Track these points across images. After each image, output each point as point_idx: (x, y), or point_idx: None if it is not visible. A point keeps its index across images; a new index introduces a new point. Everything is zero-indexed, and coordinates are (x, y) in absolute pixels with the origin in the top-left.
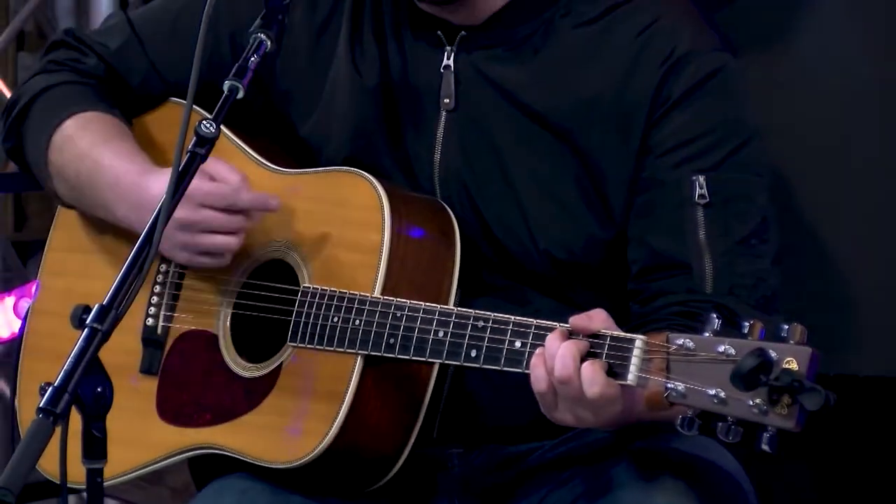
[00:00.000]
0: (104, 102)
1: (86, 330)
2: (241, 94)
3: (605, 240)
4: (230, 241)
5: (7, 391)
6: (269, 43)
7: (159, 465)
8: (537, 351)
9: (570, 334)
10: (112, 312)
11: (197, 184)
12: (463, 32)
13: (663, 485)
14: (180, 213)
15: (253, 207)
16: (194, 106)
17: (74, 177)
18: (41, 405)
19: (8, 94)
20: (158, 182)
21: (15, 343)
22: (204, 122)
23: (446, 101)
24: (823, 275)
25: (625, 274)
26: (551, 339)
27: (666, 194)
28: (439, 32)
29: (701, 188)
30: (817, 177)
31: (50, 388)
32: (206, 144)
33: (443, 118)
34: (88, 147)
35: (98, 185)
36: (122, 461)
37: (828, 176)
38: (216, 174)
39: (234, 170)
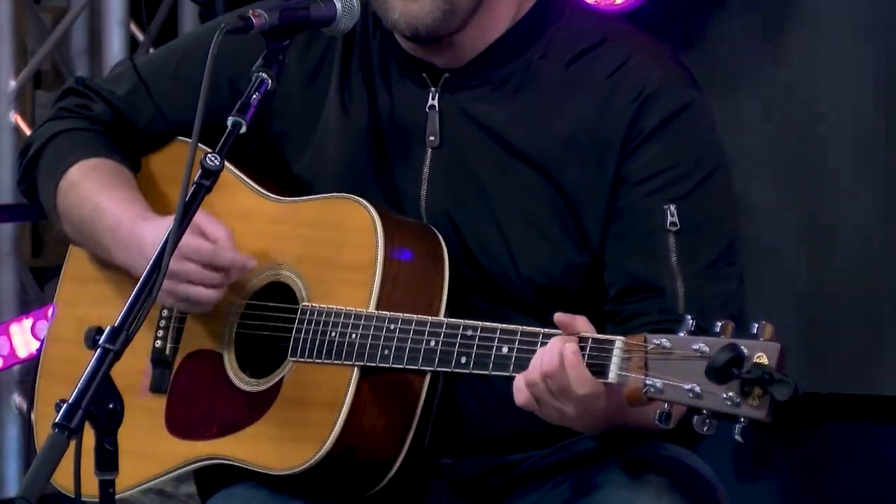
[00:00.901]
0: (109, 149)
1: (98, 350)
2: (243, 129)
3: (583, 265)
4: (209, 295)
5: (24, 407)
6: (270, 81)
7: (169, 476)
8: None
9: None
10: (123, 334)
11: (186, 238)
12: (447, 74)
13: (648, 485)
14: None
15: (232, 267)
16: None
17: (78, 221)
18: (56, 421)
19: (27, 130)
20: (152, 230)
21: (33, 362)
22: (209, 155)
23: (431, 138)
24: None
25: (601, 296)
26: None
27: (639, 222)
28: (424, 74)
29: (672, 216)
30: (781, 201)
31: (65, 405)
32: (210, 176)
33: (428, 155)
34: (90, 193)
35: (98, 230)
36: (133, 473)
37: (789, 200)
38: (206, 229)
39: (222, 227)
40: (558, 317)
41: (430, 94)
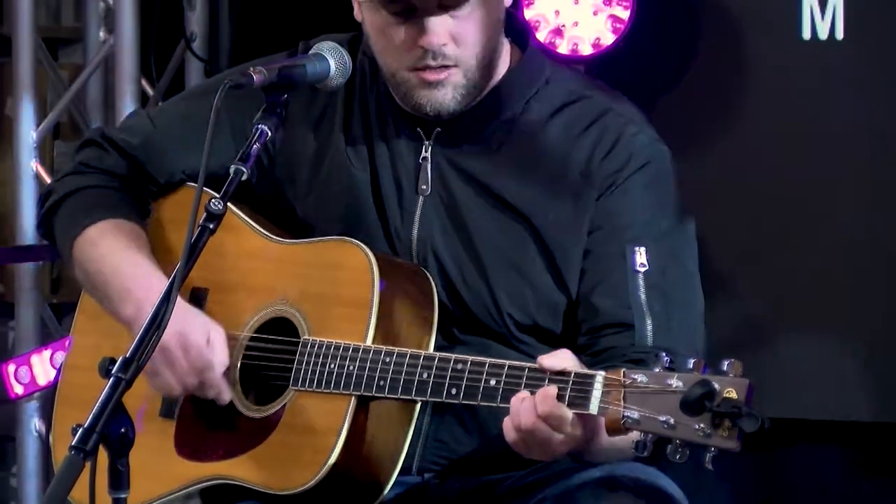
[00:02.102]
0: (124, 207)
1: (111, 379)
2: (245, 177)
3: (559, 303)
4: (173, 387)
5: (43, 431)
6: (269, 132)
7: (177, 494)
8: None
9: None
10: (134, 364)
11: (196, 337)
12: (438, 129)
13: (620, 500)
14: (167, 336)
15: (211, 386)
16: (205, 188)
17: (93, 273)
18: (73, 443)
19: (46, 178)
20: (156, 294)
21: (51, 390)
22: (213, 200)
23: (423, 187)
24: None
25: (576, 331)
26: (514, 399)
27: (612, 264)
28: (419, 129)
29: (641, 258)
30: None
31: (80, 429)
32: (214, 220)
33: (420, 201)
34: (106, 254)
35: (111, 287)
36: (144, 492)
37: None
38: (213, 341)
39: (225, 352)
40: (541, 361)
41: (424, 147)
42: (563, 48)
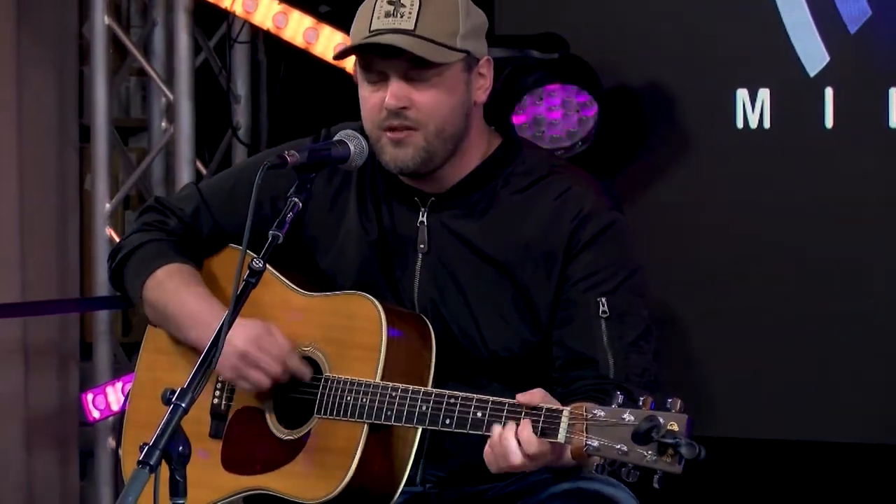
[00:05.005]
0: (183, 256)
1: (171, 406)
2: (280, 240)
3: (535, 342)
4: (265, 381)
5: (114, 447)
6: (300, 204)
7: (224, 501)
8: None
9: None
10: (190, 394)
11: (265, 335)
12: (433, 198)
13: None
14: (245, 345)
15: (293, 368)
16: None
17: (163, 308)
18: (140, 459)
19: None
20: (217, 319)
21: (121, 415)
22: (254, 259)
23: (421, 246)
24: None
25: (549, 366)
26: (494, 437)
27: (578, 311)
28: (416, 199)
29: (603, 306)
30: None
31: (146, 447)
32: (255, 276)
33: (419, 259)
34: (174, 290)
35: (180, 315)
36: (197, 499)
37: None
38: (275, 333)
39: (286, 339)
40: (519, 398)
41: (421, 213)
42: (543, 143)
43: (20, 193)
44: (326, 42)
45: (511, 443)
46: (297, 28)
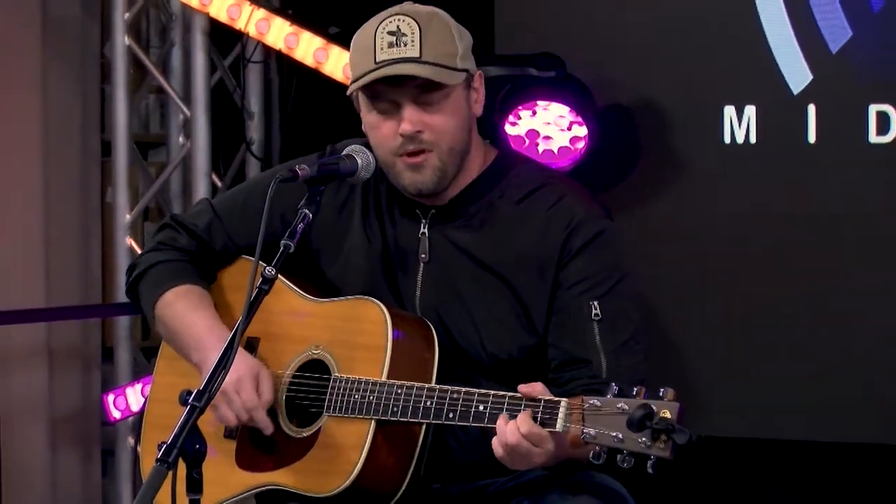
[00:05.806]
0: (194, 276)
1: (188, 406)
2: (291, 250)
3: (532, 346)
4: (231, 420)
5: (134, 446)
6: (311, 215)
7: (238, 497)
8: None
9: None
10: (206, 395)
11: (247, 383)
12: (433, 210)
13: (583, 500)
14: (226, 382)
15: (257, 422)
16: (248, 256)
17: (171, 328)
18: (158, 457)
19: (138, 251)
20: (220, 344)
21: (141, 415)
22: (267, 268)
23: (423, 256)
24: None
25: (545, 367)
26: (500, 421)
27: (572, 314)
28: (417, 211)
29: (595, 310)
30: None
31: (164, 446)
32: (268, 283)
33: (421, 268)
34: (182, 312)
35: (186, 337)
36: (212, 495)
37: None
38: (261, 384)
39: (270, 391)
40: (521, 388)
41: (422, 225)
42: (537, 157)
43: (45, 205)
44: (335, 61)
45: (515, 433)
46: (308, 48)
